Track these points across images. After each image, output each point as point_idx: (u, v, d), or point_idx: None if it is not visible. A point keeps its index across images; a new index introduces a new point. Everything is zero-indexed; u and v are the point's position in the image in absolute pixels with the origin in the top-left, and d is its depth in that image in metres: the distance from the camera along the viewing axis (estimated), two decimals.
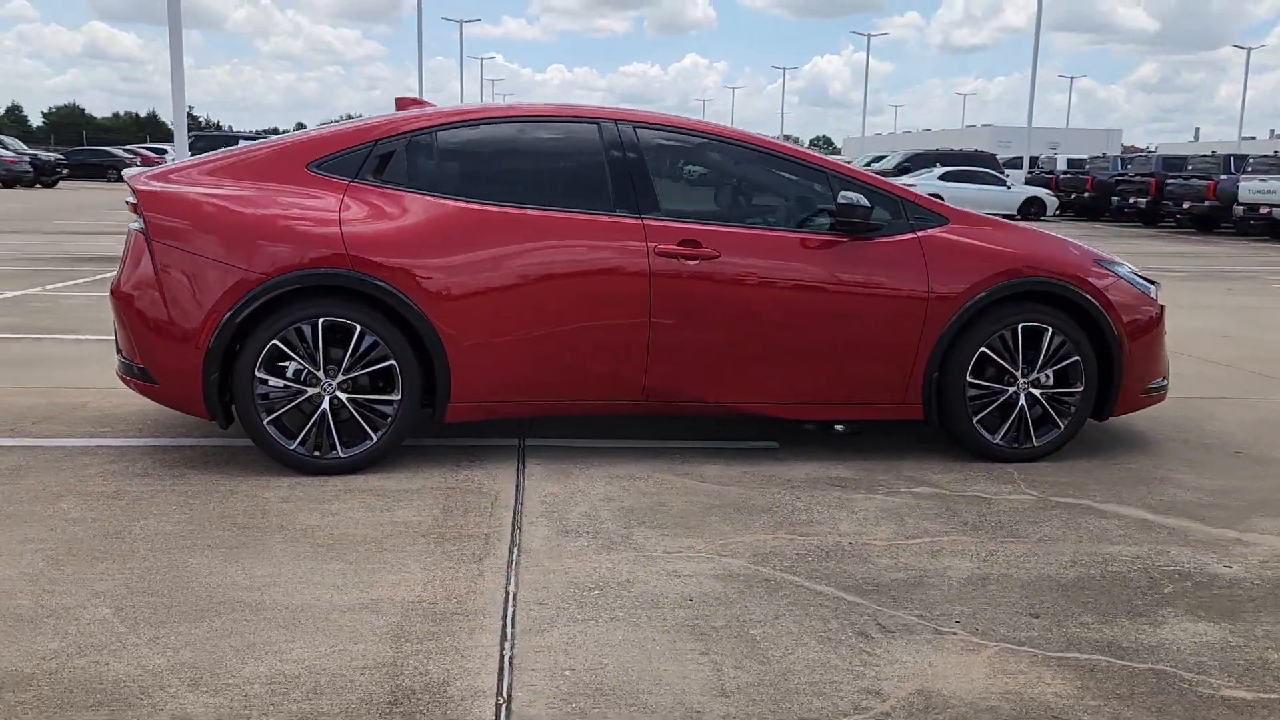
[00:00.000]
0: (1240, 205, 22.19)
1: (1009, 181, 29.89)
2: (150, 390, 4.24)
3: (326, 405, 4.16)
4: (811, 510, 3.96)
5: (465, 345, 4.18)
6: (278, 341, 4.08)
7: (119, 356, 4.37)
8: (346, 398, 4.18)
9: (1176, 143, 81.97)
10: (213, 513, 3.76)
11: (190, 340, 4.06)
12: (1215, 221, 24.30)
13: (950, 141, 65.25)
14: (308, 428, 4.16)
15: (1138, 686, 2.67)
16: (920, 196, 4.68)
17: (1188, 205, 24.28)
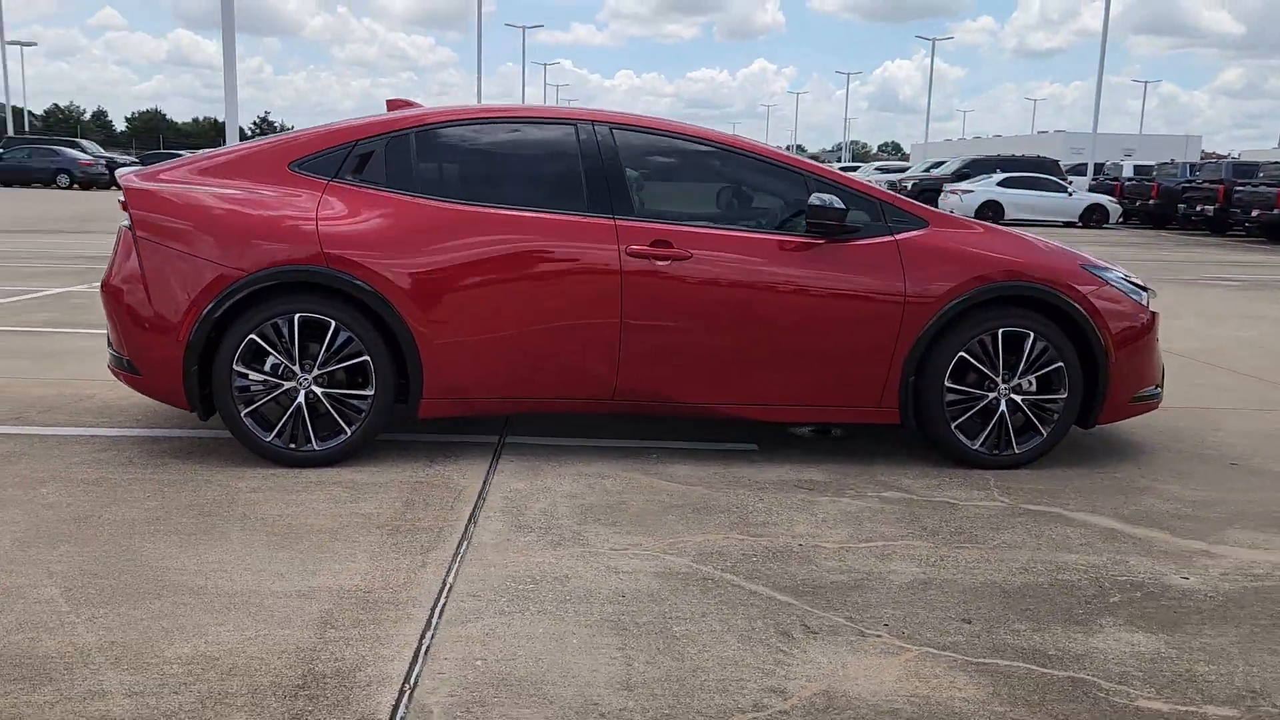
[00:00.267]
0: None
1: (1070, 188, 29.26)
2: (136, 381, 4.39)
3: (302, 399, 4.27)
4: (771, 512, 3.95)
5: (438, 342, 4.26)
6: (255, 336, 4.20)
7: (110, 350, 4.53)
8: (322, 392, 4.28)
9: (1260, 149, 79.43)
10: (183, 501, 3.88)
11: (172, 333, 4.20)
12: None
13: (1021, 147, 64.17)
14: (284, 420, 4.27)
15: (1049, 694, 2.63)
16: (901, 199, 4.64)
17: (1256, 213, 23.48)
